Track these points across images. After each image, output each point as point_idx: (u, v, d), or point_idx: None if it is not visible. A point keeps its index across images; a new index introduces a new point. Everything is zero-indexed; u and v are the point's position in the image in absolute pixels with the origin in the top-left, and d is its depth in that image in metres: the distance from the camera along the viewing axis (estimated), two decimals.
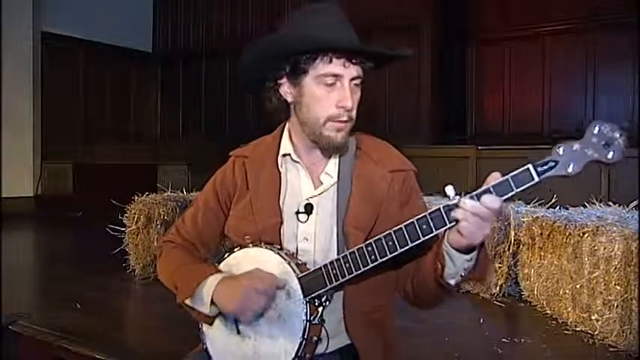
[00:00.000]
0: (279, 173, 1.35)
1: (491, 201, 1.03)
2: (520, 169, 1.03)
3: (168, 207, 3.64)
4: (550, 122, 6.13)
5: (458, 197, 1.06)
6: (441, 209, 1.08)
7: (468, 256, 1.11)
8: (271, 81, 1.31)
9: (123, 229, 3.60)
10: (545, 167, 1.02)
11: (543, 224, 2.87)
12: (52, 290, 3.36)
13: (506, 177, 1.03)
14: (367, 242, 1.16)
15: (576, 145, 1.01)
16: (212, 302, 1.28)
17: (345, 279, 1.19)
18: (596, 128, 1.00)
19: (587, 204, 2.95)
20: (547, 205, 3.23)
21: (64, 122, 7.42)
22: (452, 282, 1.16)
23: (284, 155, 1.35)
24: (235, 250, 1.34)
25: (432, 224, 1.09)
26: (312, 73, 1.24)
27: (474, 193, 1.04)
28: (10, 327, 2.56)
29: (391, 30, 6.25)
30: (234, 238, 1.37)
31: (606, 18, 5.68)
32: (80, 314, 2.78)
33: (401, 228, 1.12)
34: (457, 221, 1.06)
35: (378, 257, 1.15)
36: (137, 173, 6.34)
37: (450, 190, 1.07)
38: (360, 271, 1.18)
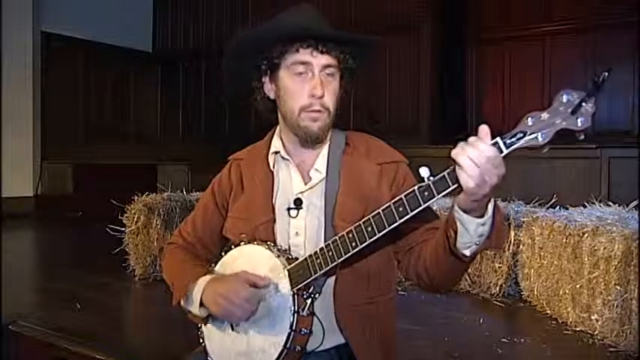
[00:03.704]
0: (272, 172, 1.39)
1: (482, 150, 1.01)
2: (490, 142, 1.03)
3: (168, 207, 3.63)
4: None
5: (432, 178, 1.07)
6: (416, 190, 1.10)
7: (481, 220, 1.08)
8: (255, 80, 1.36)
9: (123, 229, 3.59)
10: (514, 139, 1.02)
11: (543, 224, 2.87)
12: (52, 290, 3.36)
13: None
14: (348, 229, 1.18)
15: (544, 115, 1.00)
16: (202, 304, 1.31)
17: (329, 267, 1.21)
18: (564, 97, 1.00)
19: (587, 204, 2.95)
20: (547, 205, 3.23)
21: (64, 122, 7.40)
22: (467, 252, 1.13)
23: (275, 153, 1.39)
24: (231, 248, 1.37)
25: (407, 206, 1.11)
26: (284, 65, 1.29)
27: None
28: (10, 327, 2.56)
29: (391, 30, 6.25)
30: (231, 238, 1.40)
31: (606, 18, 5.67)
32: (80, 314, 2.78)
33: (379, 212, 1.14)
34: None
35: (359, 243, 1.17)
36: (137, 173, 6.33)
37: (424, 171, 1.08)
38: (342, 258, 1.19)
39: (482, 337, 2.52)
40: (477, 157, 1.00)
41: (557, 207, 3.08)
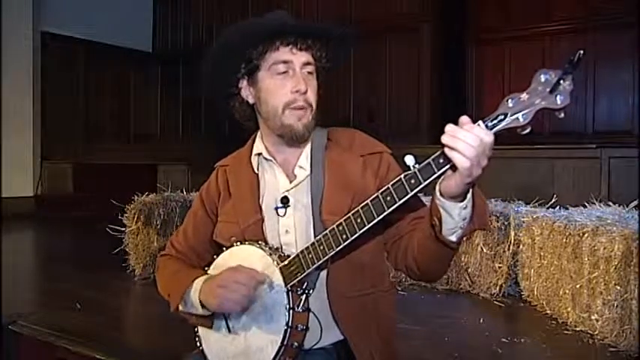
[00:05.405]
0: (257, 175, 1.40)
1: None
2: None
3: (168, 207, 3.65)
4: (550, 122, 6.13)
5: (417, 165, 1.08)
6: (402, 179, 1.10)
7: (462, 204, 1.09)
8: (232, 86, 1.37)
9: (123, 229, 3.60)
10: (496, 121, 1.04)
11: (543, 224, 2.86)
12: (52, 290, 3.36)
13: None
14: (338, 222, 1.18)
15: (524, 96, 1.02)
16: (201, 303, 1.32)
17: (321, 261, 1.22)
18: (542, 77, 1.01)
19: (587, 204, 2.95)
20: (547, 205, 3.23)
21: (64, 122, 7.40)
22: (453, 238, 1.13)
23: (257, 155, 1.40)
24: (223, 251, 1.38)
25: (395, 195, 1.11)
26: (264, 66, 1.31)
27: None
28: (10, 327, 2.56)
29: (391, 30, 6.25)
30: (222, 243, 1.41)
31: (606, 18, 5.67)
32: (80, 314, 2.78)
33: (367, 203, 1.15)
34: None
35: (349, 235, 1.17)
36: (137, 173, 6.33)
37: (409, 159, 1.09)
38: (333, 251, 1.20)
39: (482, 337, 2.52)
40: (473, 140, 1.01)
41: (557, 207, 3.08)
